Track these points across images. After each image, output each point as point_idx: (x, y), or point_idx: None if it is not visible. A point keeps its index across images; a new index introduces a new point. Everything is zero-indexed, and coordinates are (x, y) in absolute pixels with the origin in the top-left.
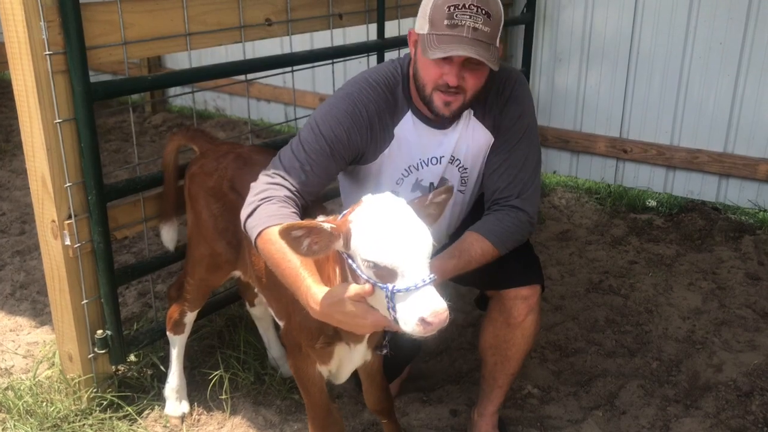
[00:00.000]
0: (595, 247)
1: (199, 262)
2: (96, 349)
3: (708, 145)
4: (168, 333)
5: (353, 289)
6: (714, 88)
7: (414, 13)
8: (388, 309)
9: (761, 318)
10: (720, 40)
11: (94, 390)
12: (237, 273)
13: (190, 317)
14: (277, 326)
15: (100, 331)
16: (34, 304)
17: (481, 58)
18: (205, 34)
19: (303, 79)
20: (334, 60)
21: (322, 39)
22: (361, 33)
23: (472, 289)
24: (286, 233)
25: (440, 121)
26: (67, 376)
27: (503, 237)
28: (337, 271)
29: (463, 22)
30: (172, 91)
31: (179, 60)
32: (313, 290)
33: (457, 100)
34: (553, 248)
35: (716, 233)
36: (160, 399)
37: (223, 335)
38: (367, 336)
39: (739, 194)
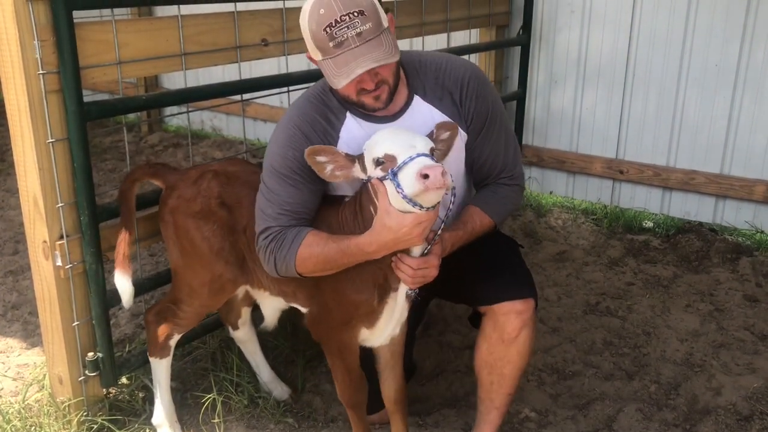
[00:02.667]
0: (592, 268)
1: (199, 290)
2: (87, 372)
3: (704, 167)
4: (152, 358)
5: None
6: (710, 109)
7: (410, 35)
8: (397, 191)
9: (760, 340)
10: (715, 62)
11: (85, 413)
12: (244, 288)
13: (176, 339)
14: (264, 349)
15: (91, 354)
16: (25, 325)
17: (381, 63)
18: (201, 54)
19: None
20: None
21: None
22: None
23: (468, 309)
24: (312, 157)
25: (384, 113)
26: (57, 399)
27: (498, 208)
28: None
29: (345, 35)
30: (169, 110)
31: (176, 80)
32: (360, 240)
33: (383, 90)
34: (549, 269)
35: (713, 255)
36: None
37: (216, 357)
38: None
39: (736, 215)
